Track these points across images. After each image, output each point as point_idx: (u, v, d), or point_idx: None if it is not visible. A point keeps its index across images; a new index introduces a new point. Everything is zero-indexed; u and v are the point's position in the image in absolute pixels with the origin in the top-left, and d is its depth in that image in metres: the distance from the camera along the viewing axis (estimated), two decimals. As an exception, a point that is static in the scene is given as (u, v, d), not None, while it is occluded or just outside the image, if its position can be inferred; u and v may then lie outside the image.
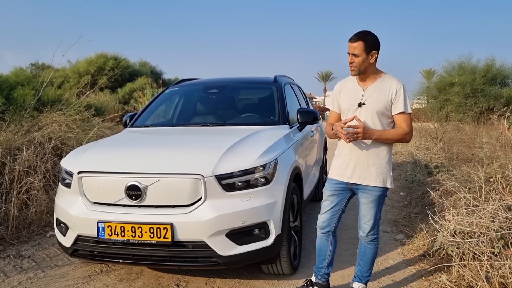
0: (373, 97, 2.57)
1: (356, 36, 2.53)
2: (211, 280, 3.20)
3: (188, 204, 2.71)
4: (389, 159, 2.64)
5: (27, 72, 12.41)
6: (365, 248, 2.79)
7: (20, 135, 5.47)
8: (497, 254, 2.72)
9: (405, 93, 2.58)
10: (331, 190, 2.72)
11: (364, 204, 2.68)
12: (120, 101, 16.08)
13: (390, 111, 2.58)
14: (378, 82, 2.60)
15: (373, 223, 2.69)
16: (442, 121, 14.06)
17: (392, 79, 2.60)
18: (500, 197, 3.06)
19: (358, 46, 2.52)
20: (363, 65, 2.54)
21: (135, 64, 21.93)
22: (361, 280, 2.84)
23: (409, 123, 2.59)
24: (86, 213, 2.84)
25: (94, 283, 3.21)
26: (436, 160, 7.10)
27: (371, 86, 2.60)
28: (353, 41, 2.53)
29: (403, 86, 2.58)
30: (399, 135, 2.57)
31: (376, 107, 2.56)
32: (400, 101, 2.55)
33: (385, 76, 2.63)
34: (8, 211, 4.25)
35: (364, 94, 2.60)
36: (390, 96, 2.56)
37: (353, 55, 2.53)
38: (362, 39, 2.52)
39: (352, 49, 2.52)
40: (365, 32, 2.55)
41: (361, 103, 2.58)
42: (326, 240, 2.80)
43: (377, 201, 2.65)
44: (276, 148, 3.12)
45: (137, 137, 3.79)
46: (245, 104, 4.67)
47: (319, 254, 2.84)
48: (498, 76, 15.70)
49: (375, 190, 2.62)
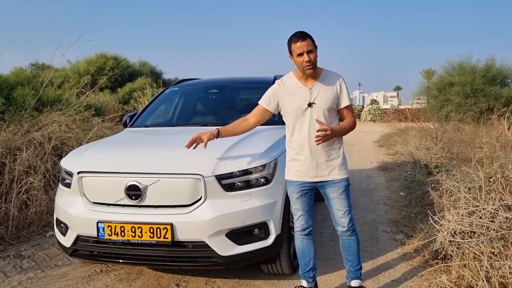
0: (321, 95, 2.61)
1: (302, 34, 2.56)
2: (211, 280, 3.20)
3: (188, 204, 2.72)
4: (343, 150, 2.74)
5: (27, 72, 12.42)
6: (348, 242, 2.78)
7: (20, 135, 5.47)
8: (497, 254, 2.72)
9: (346, 86, 2.70)
10: (298, 192, 2.71)
11: (335, 199, 2.68)
12: (120, 101, 16.08)
13: (337, 105, 2.67)
14: (321, 79, 2.65)
15: (349, 214, 2.71)
16: (442, 121, 14.05)
17: (332, 74, 2.69)
18: (500, 197, 3.06)
19: (309, 42, 2.55)
20: (316, 60, 2.59)
21: (135, 64, 21.92)
22: (355, 275, 2.83)
23: (353, 112, 2.76)
24: (86, 213, 2.84)
25: (94, 283, 3.21)
26: (436, 160, 7.09)
27: (316, 85, 2.64)
28: (304, 39, 2.53)
29: (343, 79, 2.69)
30: (351, 126, 2.71)
31: (326, 104, 2.61)
32: (345, 94, 2.67)
33: (324, 72, 2.68)
34: (8, 211, 4.26)
35: (311, 93, 2.62)
36: (336, 91, 2.64)
37: (308, 52, 2.53)
38: (308, 36, 2.56)
39: (306, 46, 2.53)
40: (304, 32, 2.59)
41: (311, 103, 2.60)
42: (308, 240, 2.80)
43: (346, 192, 2.69)
44: (276, 148, 3.12)
45: (137, 137, 3.79)
46: (245, 104, 4.66)
47: (304, 257, 2.82)
48: (498, 76, 15.68)
49: (341, 181, 2.67)
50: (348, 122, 2.71)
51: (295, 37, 2.55)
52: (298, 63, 2.58)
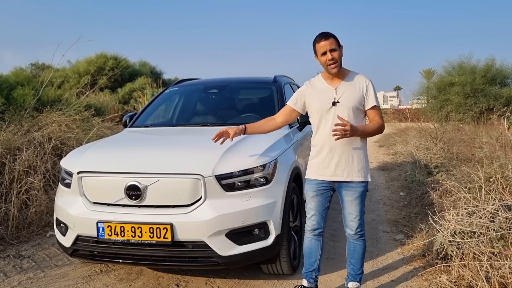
0: (346, 95, 2.62)
1: (325, 34, 2.60)
2: (211, 280, 3.20)
3: (188, 204, 2.72)
4: (366, 153, 2.72)
5: (27, 72, 12.41)
6: (354, 246, 2.80)
7: (20, 135, 5.47)
8: (497, 254, 2.72)
9: (374, 88, 2.69)
10: (314, 191, 2.72)
11: (349, 202, 2.69)
12: (120, 101, 16.06)
13: (363, 106, 2.66)
14: (347, 80, 2.67)
15: (360, 219, 2.72)
16: (442, 121, 14.07)
17: (359, 76, 2.70)
18: (500, 197, 3.06)
19: (332, 41, 2.58)
20: (341, 59, 2.62)
21: (135, 64, 21.90)
22: (355, 279, 2.84)
23: (381, 115, 2.71)
24: (86, 213, 2.84)
25: (94, 283, 3.21)
26: (436, 160, 7.10)
27: (342, 85, 2.66)
28: (326, 38, 2.57)
29: (370, 81, 2.69)
30: (377, 128, 2.66)
31: (351, 103, 2.62)
32: (371, 95, 2.66)
33: (351, 74, 2.70)
34: (8, 211, 4.26)
35: (336, 93, 2.64)
36: (362, 92, 2.64)
37: (332, 51, 2.56)
38: (332, 35, 2.60)
39: (329, 45, 2.56)
40: (327, 32, 2.63)
41: (335, 102, 2.62)
42: (317, 241, 2.80)
43: (361, 197, 2.68)
44: (276, 148, 3.12)
45: (137, 137, 3.79)
46: (245, 104, 4.67)
47: (310, 256, 2.82)
48: (498, 76, 15.69)
49: (358, 185, 2.66)
50: (374, 124, 2.66)
51: (319, 37, 2.61)
52: (322, 62, 2.62)
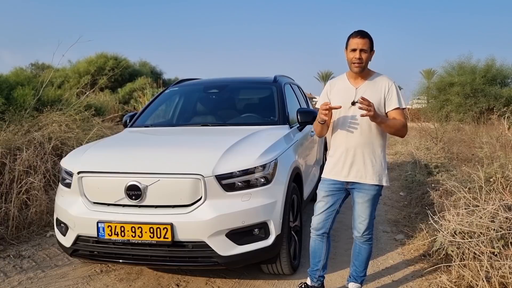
0: (366, 95, 2.56)
1: (363, 32, 2.56)
2: (211, 280, 3.20)
3: (188, 204, 2.71)
4: (384, 157, 2.67)
5: (27, 72, 12.44)
6: (359, 248, 2.79)
7: (20, 135, 5.47)
8: (497, 254, 2.72)
9: (398, 90, 2.63)
10: (326, 191, 2.71)
11: (360, 204, 2.67)
12: (120, 101, 16.04)
13: (384, 109, 2.61)
14: (370, 81, 2.64)
15: (368, 223, 2.70)
16: (442, 121, 14.08)
17: (383, 77, 2.66)
18: (500, 197, 3.06)
19: (367, 42, 2.54)
20: (367, 62, 2.58)
21: (135, 64, 21.90)
22: (356, 280, 2.84)
23: (405, 117, 2.65)
24: (86, 213, 2.84)
25: (94, 283, 3.21)
26: (436, 160, 7.09)
27: (363, 85, 2.63)
28: (362, 37, 2.53)
29: (394, 83, 2.64)
30: (398, 125, 2.57)
31: None
32: (394, 97, 2.60)
33: (375, 75, 2.67)
34: (8, 211, 4.25)
35: (357, 93, 2.61)
36: (383, 94, 2.60)
37: (362, 51, 2.53)
38: (368, 36, 2.55)
39: (362, 44, 2.52)
40: (366, 31, 2.58)
41: (355, 102, 2.58)
42: (320, 242, 2.79)
43: (372, 200, 2.66)
44: (276, 148, 3.12)
45: (137, 137, 3.79)
46: (245, 104, 4.67)
47: (314, 256, 2.83)
48: (498, 76, 15.71)
49: (371, 188, 2.63)
50: (395, 120, 2.58)
51: (356, 33, 2.56)
52: (348, 58, 2.59)
